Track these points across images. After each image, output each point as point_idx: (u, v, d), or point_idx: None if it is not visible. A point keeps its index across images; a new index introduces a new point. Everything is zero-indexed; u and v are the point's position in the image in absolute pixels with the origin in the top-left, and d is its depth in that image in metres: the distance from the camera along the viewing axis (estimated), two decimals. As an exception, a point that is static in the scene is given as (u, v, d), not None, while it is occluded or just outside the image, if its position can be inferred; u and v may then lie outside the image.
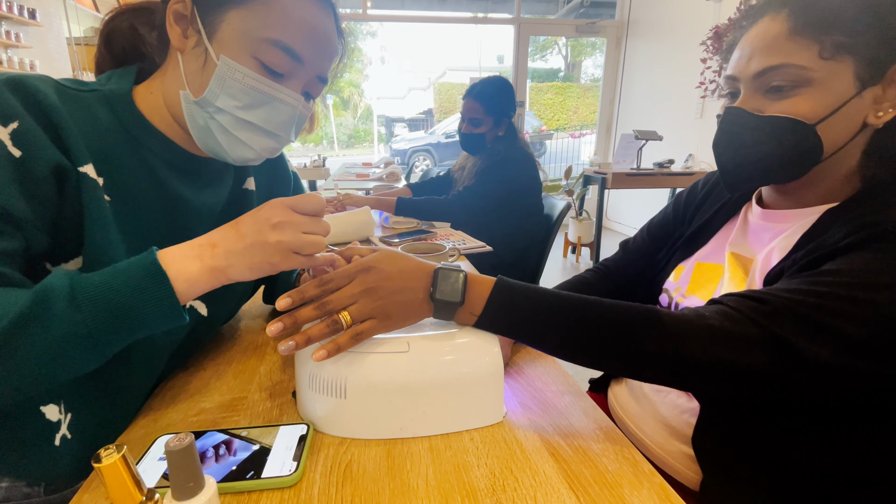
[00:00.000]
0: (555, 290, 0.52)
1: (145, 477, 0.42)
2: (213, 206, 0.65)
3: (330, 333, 0.47)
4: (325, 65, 0.59)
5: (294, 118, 0.58)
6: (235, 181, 0.71)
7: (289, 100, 0.56)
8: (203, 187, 0.63)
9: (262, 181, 0.75)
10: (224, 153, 0.58)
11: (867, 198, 0.54)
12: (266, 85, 0.54)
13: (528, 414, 0.53)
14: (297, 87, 0.57)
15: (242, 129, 0.56)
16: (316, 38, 0.55)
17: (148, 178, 0.56)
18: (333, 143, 15.64)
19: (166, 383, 0.60)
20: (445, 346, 0.50)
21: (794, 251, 0.54)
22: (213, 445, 0.46)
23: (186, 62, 0.54)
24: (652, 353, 0.47)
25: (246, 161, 0.60)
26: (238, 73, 0.52)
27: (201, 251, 0.46)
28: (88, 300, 0.41)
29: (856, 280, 0.45)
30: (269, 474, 0.42)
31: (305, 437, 0.47)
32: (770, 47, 0.54)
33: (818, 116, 0.53)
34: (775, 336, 0.45)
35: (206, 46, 0.52)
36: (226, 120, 0.54)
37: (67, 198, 0.48)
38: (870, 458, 0.52)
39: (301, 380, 0.51)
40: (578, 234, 3.66)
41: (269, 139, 0.58)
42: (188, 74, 0.54)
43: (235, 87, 0.53)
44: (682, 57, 3.60)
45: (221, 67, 0.52)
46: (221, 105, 0.53)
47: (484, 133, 1.69)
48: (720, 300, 0.51)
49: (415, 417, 0.49)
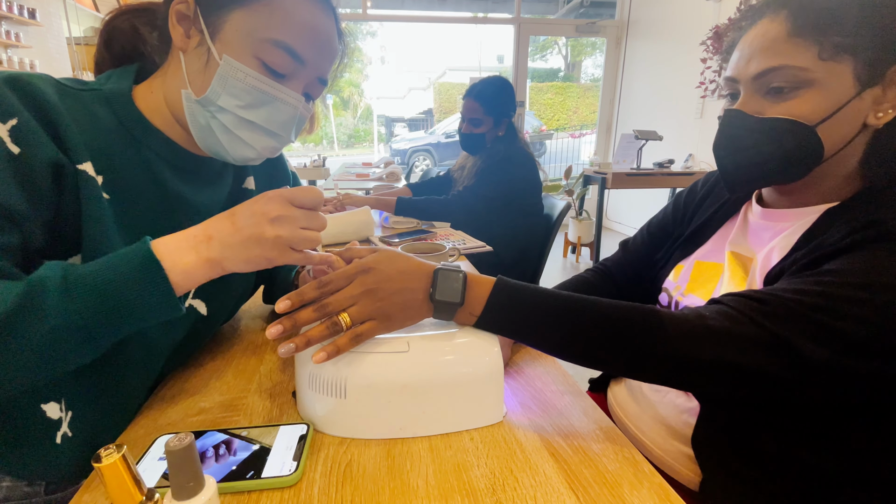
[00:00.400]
0: (554, 290, 0.52)
1: (145, 477, 0.42)
2: (212, 206, 0.65)
3: (330, 335, 0.47)
4: (326, 66, 0.59)
5: (295, 118, 0.59)
6: (235, 180, 0.71)
7: (290, 100, 0.56)
8: (203, 186, 0.63)
9: (262, 181, 0.75)
10: (225, 152, 0.58)
11: (867, 197, 0.54)
12: (268, 85, 0.54)
13: (528, 414, 0.53)
14: (299, 88, 0.57)
15: (244, 129, 0.56)
16: (317, 40, 0.56)
17: (147, 176, 0.56)
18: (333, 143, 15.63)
19: (166, 383, 0.60)
20: (445, 346, 0.50)
21: (795, 251, 0.54)
22: (213, 445, 0.46)
23: (189, 62, 0.54)
24: (651, 353, 0.47)
25: (246, 160, 0.60)
26: (240, 73, 0.53)
27: (196, 242, 0.45)
28: (82, 290, 0.40)
29: (856, 280, 0.45)
30: (269, 474, 0.42)
31: (305, 436, 0.47)
32: (769, 49, 0.54)
33: (818, 118, 0.52)
34: (775, 336, 0.45)
35: (209, 46, 0.53)
36: (227, 119, 0.55)
37: (65, 195, 0.48)
38: (869, 459, 0.52)
39: (301, 380, 0.51)
40: (578, 234, 3.66)
41: (269, 139, 0.58)
42: (190, 74, 0.54)
43: (237, 87, 0.53)
44: (682, 57, 3.60)
45: (224, 67, 0.52)
46: (223, 104, 0.54)
47: (484, 133, 1.69)
48: (720, 300, 0.51)
49: (415, 417, 0.49)
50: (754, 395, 0.49)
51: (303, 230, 0.47)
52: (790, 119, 0.53)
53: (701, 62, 3.26)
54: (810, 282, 0.47)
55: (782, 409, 0.53)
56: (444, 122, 10.06)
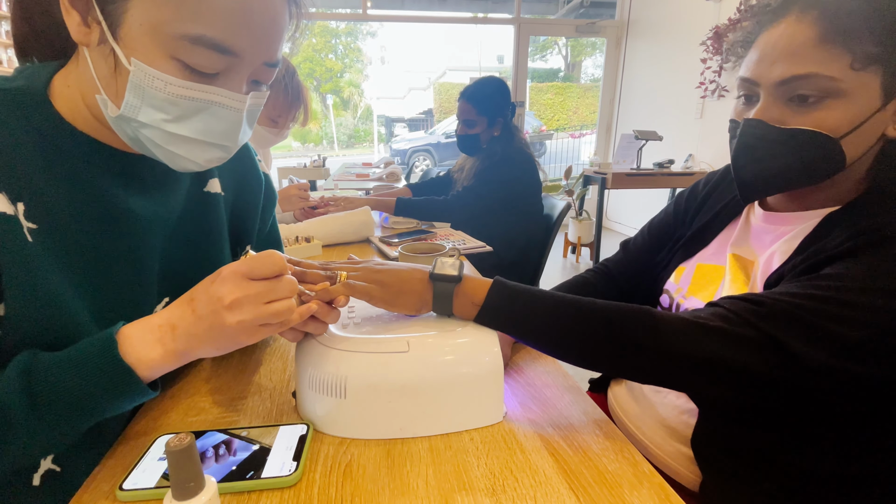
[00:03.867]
0: (550, 291, 0.53)
1: (143, 478, 0.42)
2: (166, 215, 0.55)
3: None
4: (272, 49, 0.46)
5: (240, 122, 0.48)
6: (194, 183, 0.60)
7: (230, 102, 0.45)
8: (152, 192, 0.54)
9: (229, 183, 0.65)
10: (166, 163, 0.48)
11: (869, 202, 0.53)
12: (197, 90, 0.43)
13: (528, 414, 0.53)
14: (240, 82, 0.46)
15: (177, 144, 0.45)
16: (251, 23, 0.42)
17: (80, 192, 0.46)
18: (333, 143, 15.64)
19: (166, 383, 0.60)
20: (445, 346, 0.50)
21: (795, 255, 0.54)
22: (213, 445, 0.46)
23: (95, 61, 0.43)
24: (645, 351, 0.47)
25: (191, 171, 0.50)
26: (158, 81, 0.41)
27: (161, 334, 0.42)
28: (50, 408, 0.39)
29: (854, 285, 0.45)
30: (269, 474, 0.42)
31: (305, 437, 0.47)
32: (797, 54, 0.50)
33: (844, 130, 0.50)
34: (771, 338, 0.45)
35: (113, 46, 0.41)
36: (155, 135, 0.44)
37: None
38: (868, 460, 0.52)
39: (301, 380, 0.51)
40: (578, 235, 3.66)
41: (214, 150, 0.48)
42: (101, 78, 0.43)
43: (158, 98, 0.42)
44: (682, 57, 3.59)
45: (136, 74, 0.41)
46: (145, 119, 0.43)
47: (478, 134, 1.70)
48: (717, 303, 0.51)
49: (415, 417, 0.49)
50: (749, 397, 0.49)
51: (267, 305, 0.42)
52: (817, 132, 0.51)
53: (701, 62, 3.26)
54: (808, 286, 0.47)
55: (781, 411, 0.53)
56: (444, 122, 10.06)
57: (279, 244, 0.80)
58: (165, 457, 0.33)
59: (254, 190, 0.70)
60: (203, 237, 0.61)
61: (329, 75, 15.70)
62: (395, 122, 11.98)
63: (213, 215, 0.62)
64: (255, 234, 0.72)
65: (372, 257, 1.03)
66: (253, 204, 0.70)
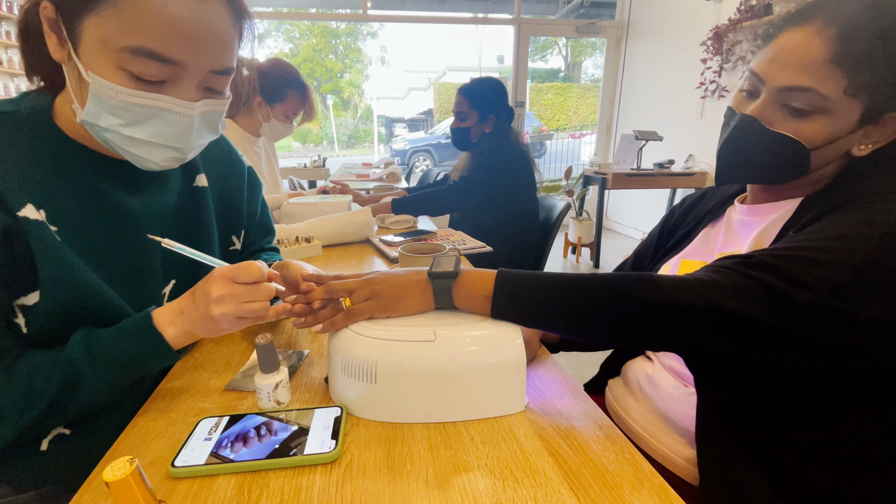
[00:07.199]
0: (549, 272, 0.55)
1: (193, 456, 0.45)
2: (162, 211, 0.63)
3: (333, 314, 0.56)
4: (215, 58, 0.51)
5: (192, 126, 0.53)
6: (184, 179, 0.68)
7: (178, 108, 0.50)
8: (148, 192, 0.61)
9: (213, 177, 0.72)
10: (132, 162, 0.54)
11: (843, 181, 0.58)
12: (145, 98, 0.48)
13: (528, 414, 0.53)
14: (189, 90, 0.51)
15: (135, 146, 0.51)
16: (185, 35, 0.47)
17: (89, 197, 0.54)
18: (333, 144, 15.65)
19: (166, 383, 0.60)
20: (470, 337, 0.52)
21: (777, 239, 0.58)
22: (255, 427, 0.49)
23: (70, 76, 0.49)
24: (650, 305, 0.49)
25: (153, 170, 0.56)
26: (110, 91, 0.47)
27: (174, 317, 0.53)
28: (105, 364, 0.50)
29: (832, 233, 0.48)
30: (311, 451, 0.45)
31: (340, 417, 0.51)
32: (806, 66, 0.53)
33: (818, 143, 0.55)
34: (762, 283, 0.47)
35: (76, 61, 0.47)
36: (115, 138, 0.50)
37: (15, 248, 0.48)
38: (871, 459, 0.52)
39: (334, 365, 0.54)
40: (578, 235, 3.66)
41: (168, 151, 0.53)
42: (73, 90, 0.50)
43: (113, 105, 0.48)
44: (682, 57, 3.59)
45: (94, 84, 0.47)
46: (105, 125, 0.49)
47: (469, 127, 1.72)
48: (709, 265, 0.54)
49: (441, 404, 0.51)
50: (748, 348, 0.49)
51: (245, 304, 0.52)
52: (793, 138, 0.56)
53: (701, 62, 3.26)
54: (791, 241, 0.51)
55: (782, 405, 0.53)
56: (444, 122, 10.08)
57: (270, 230, 0.89)
58: (256, 349, 0.51)
59: (236, 179, 0.77)
60: (195, 227, 0.69)
61: (329, 76, 15.69)
62: (396, 123, 12.00)
63: (203, 207, 0.70)
64: (245, 220, 0.80)
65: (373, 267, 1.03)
66: (237, 192, 0.78)
